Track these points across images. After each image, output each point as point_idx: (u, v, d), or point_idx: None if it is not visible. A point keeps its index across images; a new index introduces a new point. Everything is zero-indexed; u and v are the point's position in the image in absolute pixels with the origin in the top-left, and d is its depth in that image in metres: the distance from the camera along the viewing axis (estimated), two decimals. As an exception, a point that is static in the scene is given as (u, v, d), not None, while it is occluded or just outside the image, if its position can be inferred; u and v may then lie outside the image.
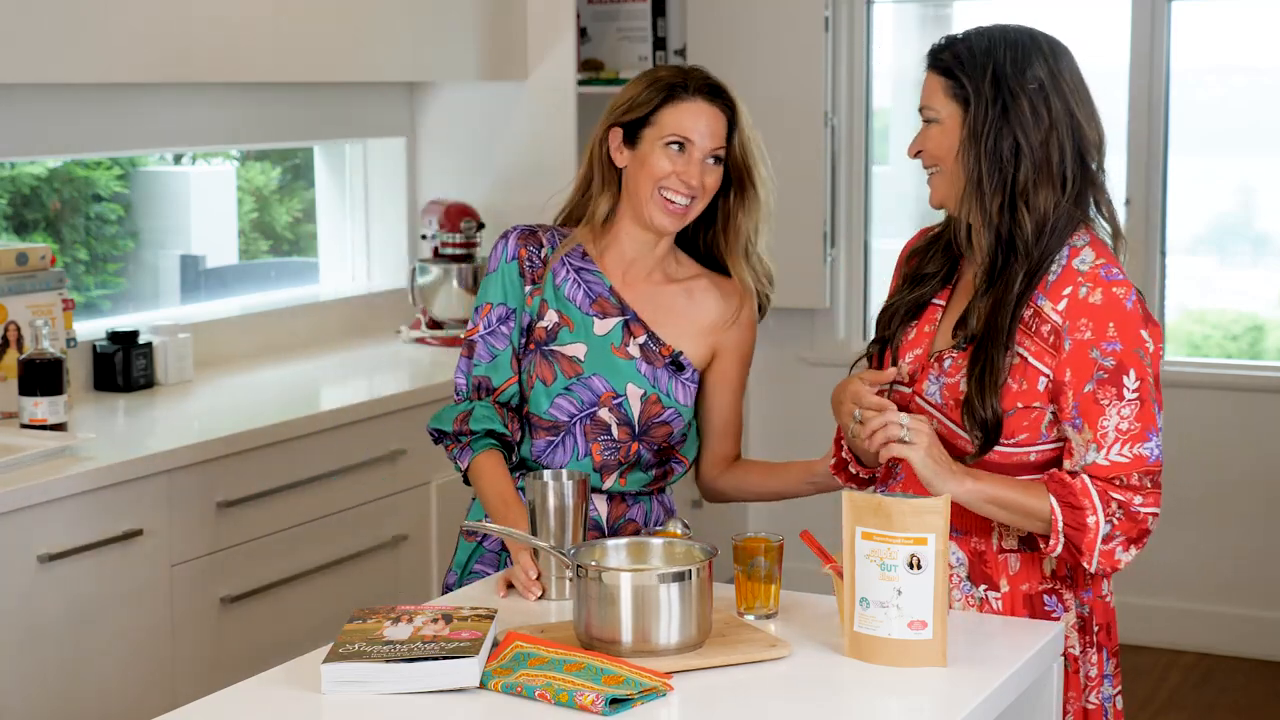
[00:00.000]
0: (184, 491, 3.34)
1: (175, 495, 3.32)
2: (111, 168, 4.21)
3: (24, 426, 3.34)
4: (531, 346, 2.65)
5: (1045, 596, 2.40)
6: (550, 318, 2.65)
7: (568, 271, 2.67)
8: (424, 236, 4.71)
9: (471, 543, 2.71)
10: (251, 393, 3.94)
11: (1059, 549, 2.30)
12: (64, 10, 3.46)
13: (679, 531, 2.47)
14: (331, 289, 4.86)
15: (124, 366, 3.84)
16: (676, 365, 2.66)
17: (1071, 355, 2.30)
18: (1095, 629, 2.43)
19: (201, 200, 4.60)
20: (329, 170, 4.91)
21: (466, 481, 2.68)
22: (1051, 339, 2.32)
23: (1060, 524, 2.28)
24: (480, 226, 4.66)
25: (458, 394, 2.69)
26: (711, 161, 2.63)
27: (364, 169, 4.93)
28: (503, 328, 2.67)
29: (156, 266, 4.42)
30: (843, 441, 2.58)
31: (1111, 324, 2.30)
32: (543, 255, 2.68)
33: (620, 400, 2.63)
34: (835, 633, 2.25)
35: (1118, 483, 2.28)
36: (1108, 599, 2.46)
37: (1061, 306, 2.32)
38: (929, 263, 2.51)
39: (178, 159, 4.53)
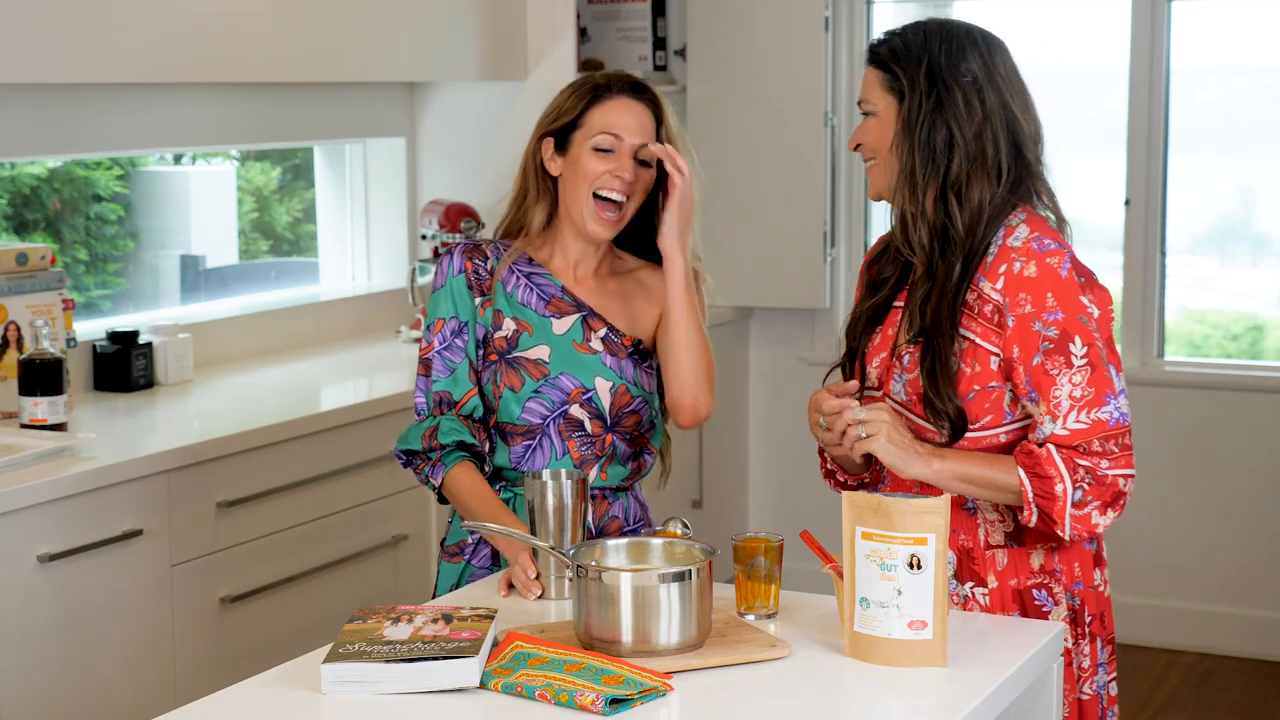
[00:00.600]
0: (184, 491, 3.34)
1: (175, 495, 3.32)
2: (111, 168, 4.21)
3: (24, 426, 3.34)
4: (494, 358, 2.66)
5: (1035, 590, 2.41)
6: (508, 326, 2.67)
7: (518, 278, 2.70)
8: (424, 236, 4.71)
9: (458, 564, 2.69)
10: (251, 393, 3.94)
11: (1034, 519, 2.32)
12: (64, 10, 3.46)
13: (679, 531, 2.46)
14: (331, 289, 4.86)
15: (124, 366, 3.84)
16: (640, 354, 2.69)
17: (1016, 330, 2.34)
18: (1088, 619, 2.44)
19: (201, 200, 4.60)
20: (329, 170, 4.91)
21: (442, 500, 2.67)
22: (995, 318, 2.36)
23: (1030, 494, 2.31)
24: (480, 226, 4.66)
25: (419, 413, 2.69)
26: (640, 163, 2.66)
27: (364, 169, 4.93)
28: (457, 341, 2.67)
29: (156, 266, 4.42)
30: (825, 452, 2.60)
31: (1050, 294, 2.33)
32: (489, 266, 2.70)
33: (590, 395, 2.65)
34: (835, 633, 2.25)
35: (1080, 450, 2.30)
36: (1101, 589, 2.47)
37: (1000, 285, 2.36)
38: (886, 267, 2.53)
39: (178, 159, 4.53)
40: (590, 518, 2.64)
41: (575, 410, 2.65)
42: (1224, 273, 5.48)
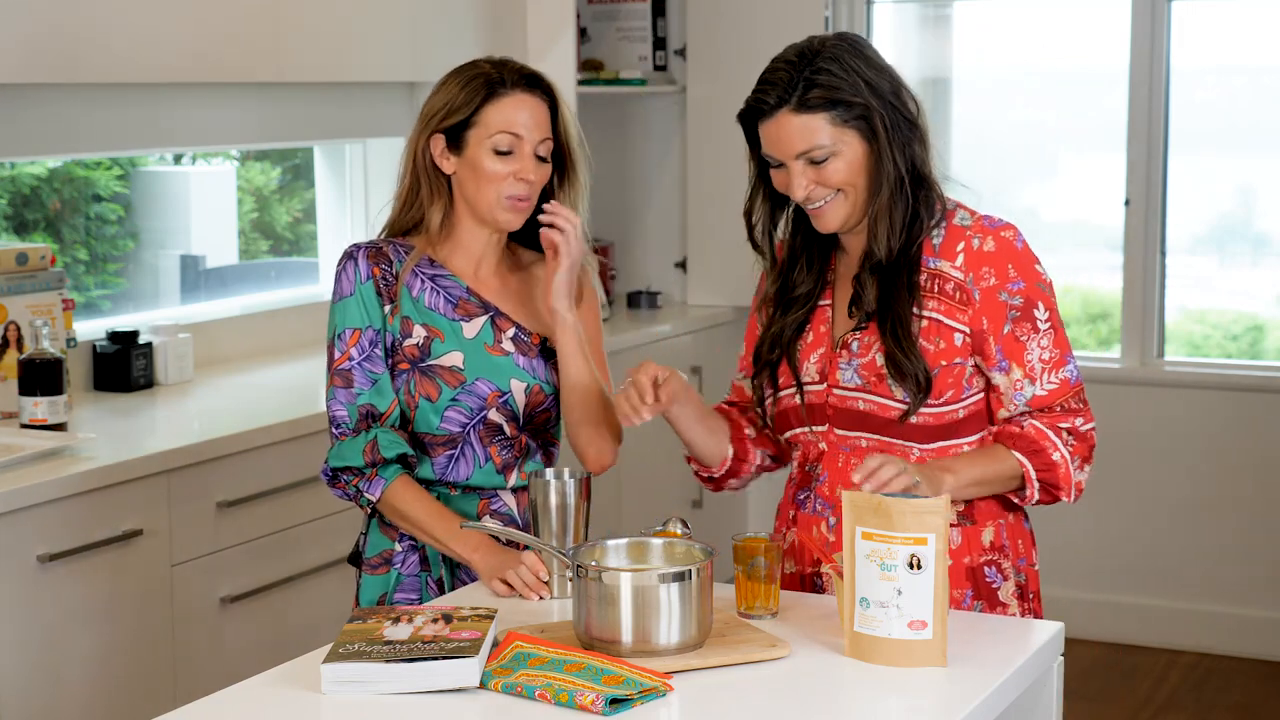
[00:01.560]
0: (184, 491, 3.34)
1: (175, 495, 3.32)
2: (111, 168, 4.21)
3: (24, 426, 3.34)
4: (404, 367, 2.58)
5: (986, 568, 2.48)
6: (418, 333, 2.59)
7: (423, 282, 2.62)
8: (424, 236, 4.71)
9: (384, 575, 2.63)
10: (251, 393, 3.94)
11: (1036, 496, 2.43)
12: (64, 10, 3.46)
13: (679, 532, 2.46)
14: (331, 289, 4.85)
15: (124, 366, 3.84)
16: (548, 351, 2.65)
17: (983, 304, 2.42)
18: (1030, 596, 2.52)
19: (201, 200, 4.60)
20: (329, 170, 4.91)
21: (373, 513, 2.63)
22: (958, 295, 2.43)
23: (1033, 473, 2.41)
24: (480, 226, 4.65)
25: (338, 427, 2.58)
26: (539, 159, 2.59)
27: (364, 169, 4.93)
28: (375, 351, 2.58)
29: (156, 266, 4.42)
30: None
31: (1010, 265, 2.43)
32: (394, 271, 2.61)
33: (506, 397, 2.60)
34: (835, 633, 2.25)
35: (1058, 409, 2.43)
36: (1036, 567, 2.56)
37: (959, 262, 2.44)
38: (796, 287, 2.55)
39: (178, 159, 4.52)
40: (514, 511, 2.63)
41: (493, 415, 2.60)
42: (1224, 273, 5.48)
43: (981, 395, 2.47)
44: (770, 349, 2.55)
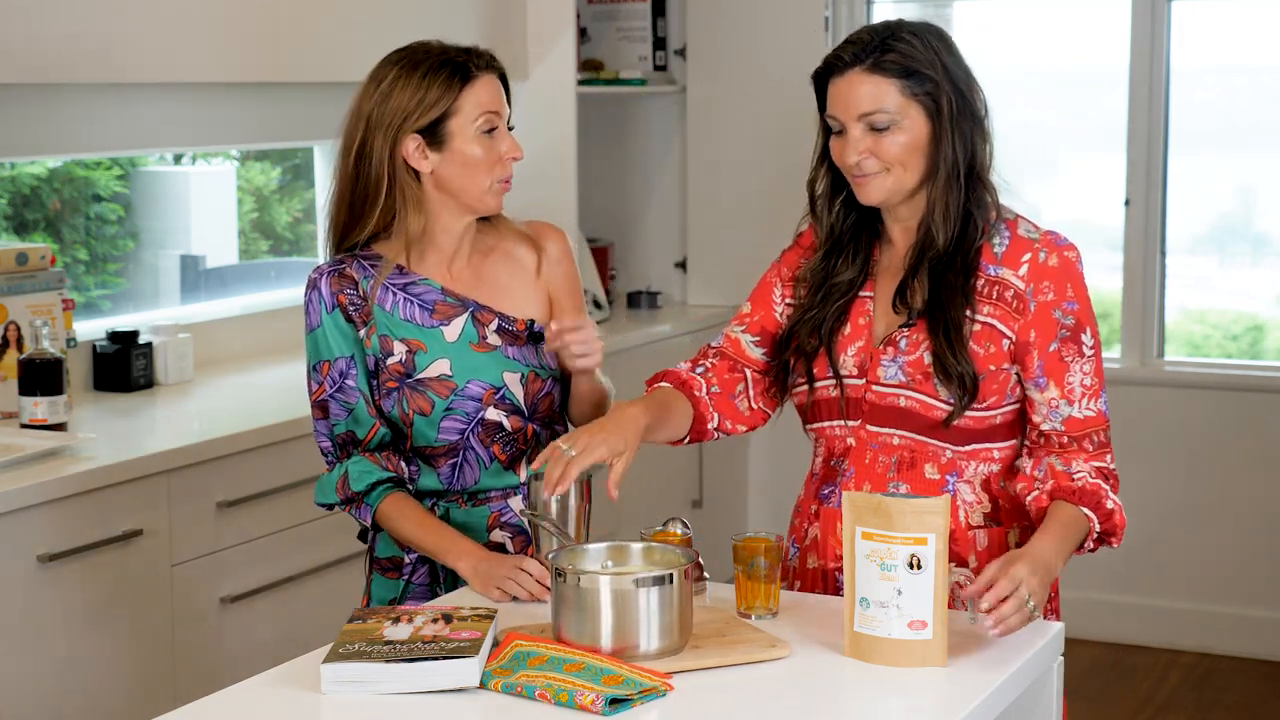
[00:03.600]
0: (184, 491, 3.34)
1: (175, 495, 3.32)
2: (111, 168, 4.21)
3: (24, 426, 3.34)
4: (393, 384, 2.54)
5: None
6: (399, 350, 2.54)
7: (394, 295, 2.55)
8: (424, 236, 4.70)
9: (395, 580, 2.62)
10: (251, 393, 3.94)
11: (1090, 546, 2.42)
12: (64, 10, 3.46)
13: (679, 532, 2.46)
14: (331, 289, 4.85)
15: (124, 366, 3.84)
16: (536, 336, 2.60)
17: (1036, 316, 2.42)
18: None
19: (201, 200, 4.60)
20: (329, 170, 4.90)
21: (376, 532, 2.62)
22: (1015, 303, 2.42)
23: (1097, 527, 2.40)
24: (480, 226, 4.65)
25: (327, 458, 2.58)
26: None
27: (364, 169, 4.92)
28: (347, 381, 2.54)
29: (156, 266, 4.42)
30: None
31: (1069, 285, 2.43)
32: (361, 291, 2.54)
33: (502, 392, 2.56)
34: (835, 632, 2.25)
35: (1091, 442, 2.42)
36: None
37: (1023, 272, 2.43)
38: (839, 272, 2.53)
39: (178, 159, 4.53)
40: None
41: (490, 414, 2.56)
42: (1224, 273, 5.48)
43: (1019, 404, 2.46)
44: (810, 334, 2.52)
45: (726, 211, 5.42)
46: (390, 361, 2.55)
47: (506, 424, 2.58)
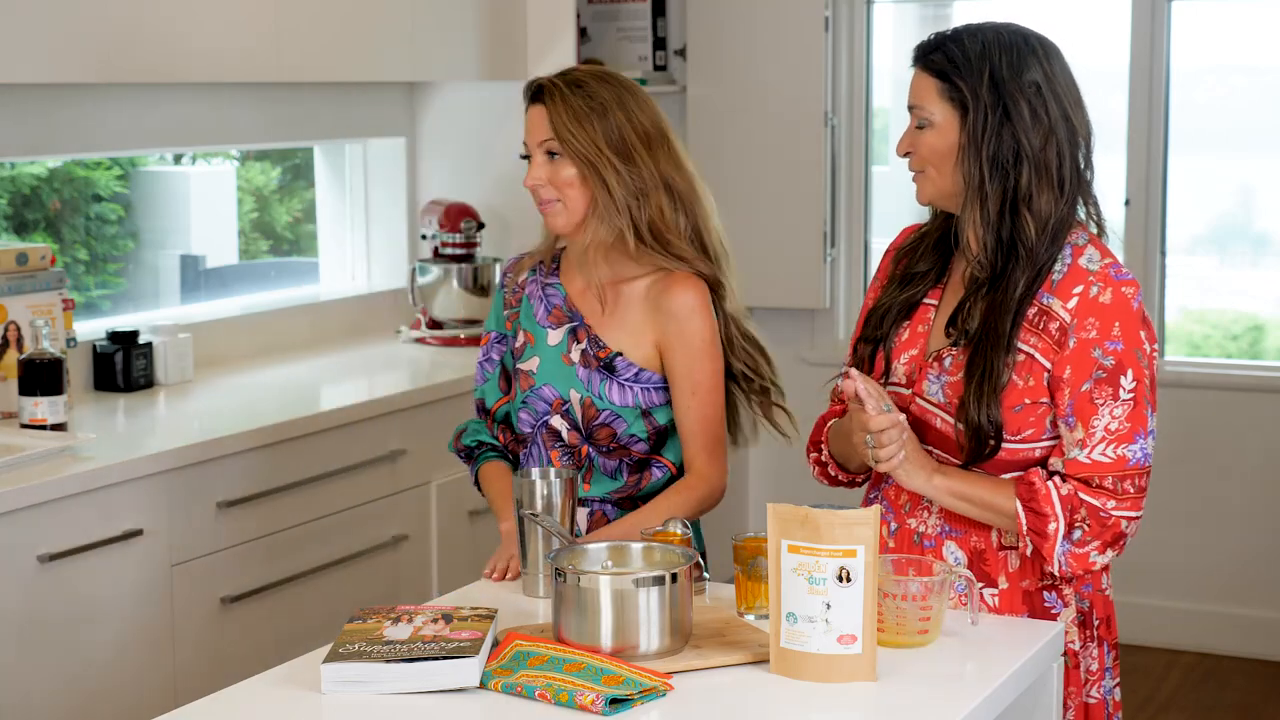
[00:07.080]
0: (184, 491, 3.34)
1: (175, 495, 3.32)
2: (111, 168, 4.21)
3: (24, 426, 3.34)
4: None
5: (1045, 593, 2.40)
6: (521, 339, 2.76)
7: (536, 289, 2.77)
8: (424, 236, 4.71)
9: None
10: (251, 393, 3.94)
11: (1029, 550, 2.32)
12: (64, 10, 3.46)
13: (679, 532, 2.46)
14: (331, 289, 4.86)
15: (124, 366, 3.84)
16: (608, 368, 2.66)
17: (1074, 353, 2.31)
18: (1095, 623, 2.43)
19: (201, 200, 4.60)
20: (329, 170, 4.91)
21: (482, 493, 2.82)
22: (1058, 335, 2.32)
23: (1025, 526, 2.30)
24: (480, 226, 4.66)
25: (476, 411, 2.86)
26: (547, 156, 2.65)
27: (364, 169, 4.93)
28: (491, 354, 2.82)
29: (156, 266, 4.42)
30: (822, 444, 2.59)
31: (1117, 323, 2.30)
32: (520, 280, 2.79)
33: (568, 406, 2.68)
34: (835, 633, 2.24)
35: (1093, 484, 2.29)
36: (1106, 592, 2.46)
37: (1072, 305, 2.32)
38: (919, 261, 2.50)
39: (178, 159, 4.53)
40: (583, 533, 2.65)
41: (555, 421, 2.69)
42: (1224, 273, 5.48)
43: (1058, 439, 2.35)
44: (879, 323, 2.49)
45: (726, 211, 5.40)
46: (515, 346, 2.78)
47: (565, 436, 2.69)
